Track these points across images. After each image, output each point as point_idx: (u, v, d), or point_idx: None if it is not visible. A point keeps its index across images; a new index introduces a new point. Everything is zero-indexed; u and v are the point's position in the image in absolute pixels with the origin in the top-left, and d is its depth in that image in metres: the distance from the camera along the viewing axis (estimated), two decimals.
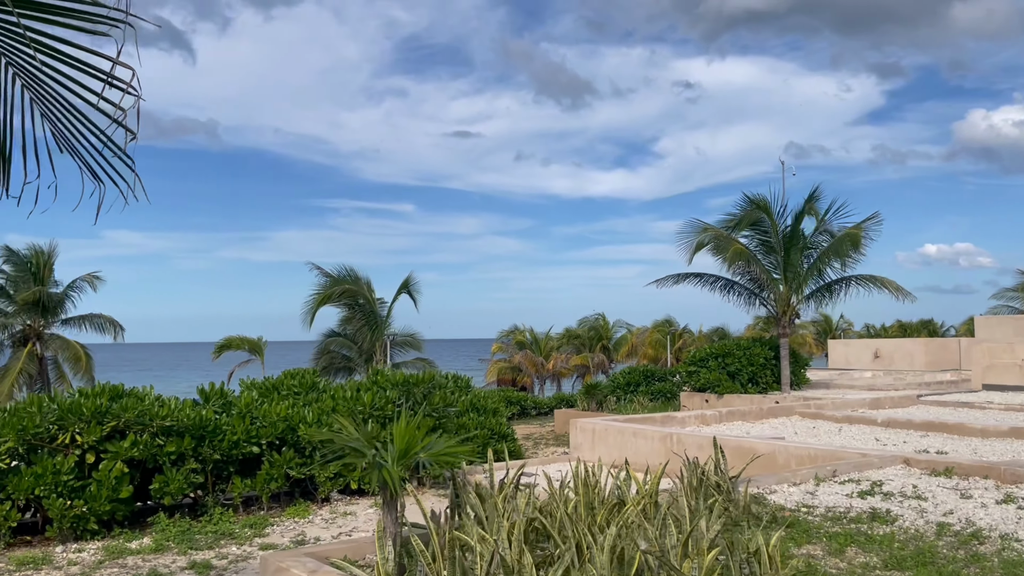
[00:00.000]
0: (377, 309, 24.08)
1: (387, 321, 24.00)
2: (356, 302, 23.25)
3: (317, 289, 23.06)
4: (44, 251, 37.10)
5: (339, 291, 21.92)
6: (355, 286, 22.67)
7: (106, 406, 8.61)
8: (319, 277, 23.13)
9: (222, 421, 9.52)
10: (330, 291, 22.52)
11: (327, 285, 23.09)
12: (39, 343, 36.42)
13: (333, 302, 22.92)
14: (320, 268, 23.08)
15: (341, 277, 22.99)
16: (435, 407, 11.03)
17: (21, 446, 8.17)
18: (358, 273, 23.34)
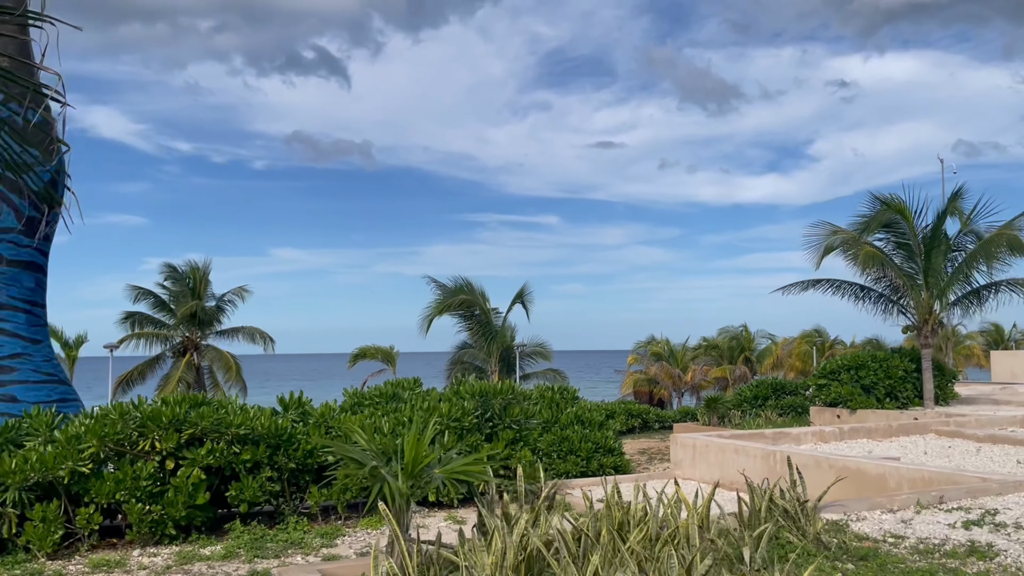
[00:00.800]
0: (492, 319, 24.13)
1: (507, 331, 23.98)
2: (472, 313, 23.37)
3: (434, 301, 23.41)
4: (200, 267, 39.81)
5: (456, 302, 22.13)
6: (471, 297, 22.81)
7: (183, 414, 8.91)
8: (435, 289, 23.48)
9: (298, 430, 9.65)
10: (447, 302, 22.78)
11: (443, 297, 23.37)
12: (196, 353, 39.04)
13: (450, 312, 23.16)
14: (436, 280, 23.43)
15: (457, 288, 23.20)
16: (514, 419, 10.74)
17: (103, 451, 8.57)
18: (472, 284, 23.49)
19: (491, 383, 10.99)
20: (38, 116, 13.63)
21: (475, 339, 24.36)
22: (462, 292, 22.78)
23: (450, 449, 7.25)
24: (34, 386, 13.04)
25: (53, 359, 13.75)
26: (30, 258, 13.37)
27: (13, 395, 12.69)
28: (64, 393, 13.53)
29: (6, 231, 12.99)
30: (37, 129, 13.46)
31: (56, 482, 8.33)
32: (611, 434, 16.25)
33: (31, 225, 13.25)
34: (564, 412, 16.61)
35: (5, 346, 12.85)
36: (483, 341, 24.57)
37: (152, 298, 38.56)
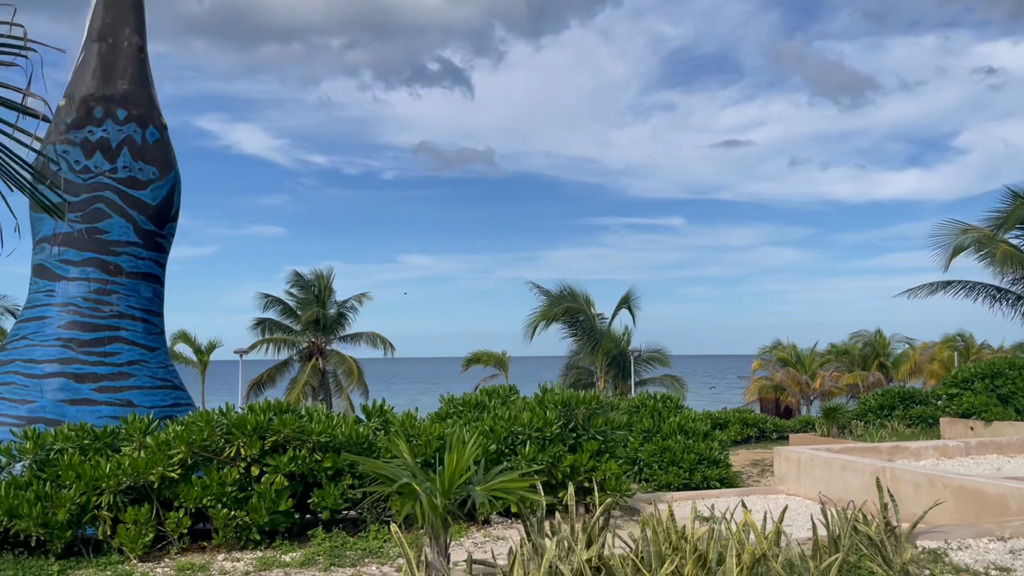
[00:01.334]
0: (597, 325, 23.72)
1: (614, 338, 23.53)
2: (576, 319, 23.07)
3: (538, 308, 23.27)
4: (324, 275, 41.37)
5: (561, 310, 21.90)
6: (574, 303, 22.52)
7: (267, 421, 9.13)
8: (540, 296, 23.33)
9: (379, 439, 9.71)
10: (551, 311, 22.59)
11: (547, 304, 23.19)
12: (321, 358, 40.56)
13: (556, 320, 22.93)
14: (539, 287, 23.28)
15: (561, 295, 22.97)
16: (599, 429, 10.42)
17: (191, 457, 8.89)
18: (575, 290, 23.19)
19: (575, 392, 10.73)
20: (156, 135, 14.40)
21: (580, 346, 24.04)
22: (565, 299, 22.54)
23: (500, 465, 7.05)
24: (149, 391, 13.70)
25: (168, 365, 14.45)
26: (148, 270, 14.08)
27: (130, 400, 13.38)
28: (177, 398, 14.17)
29: (126, 244, 13.73)
30: (155, 147, 14.22)
31: (147, 486, 8.71)
32: (716, 445, 15.62)
33: (148, 238, 13.96)
34: (666, 421, 16.11)
35: (124, 353, 13.56)
36: (588, 348, 24.20)
37: (280, 305, 40.38)
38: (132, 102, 14.07)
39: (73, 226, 13.46)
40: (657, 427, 15.98)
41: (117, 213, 13.67)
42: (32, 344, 13.19)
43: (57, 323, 13.24)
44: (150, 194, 14.08)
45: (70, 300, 13.39)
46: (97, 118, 13.73)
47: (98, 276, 13.56)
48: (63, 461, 8.62)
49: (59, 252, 13.46)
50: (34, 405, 12.69)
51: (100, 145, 13.65)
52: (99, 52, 14.20)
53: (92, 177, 13.50)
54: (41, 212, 13.57)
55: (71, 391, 12.92)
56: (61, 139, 13.48)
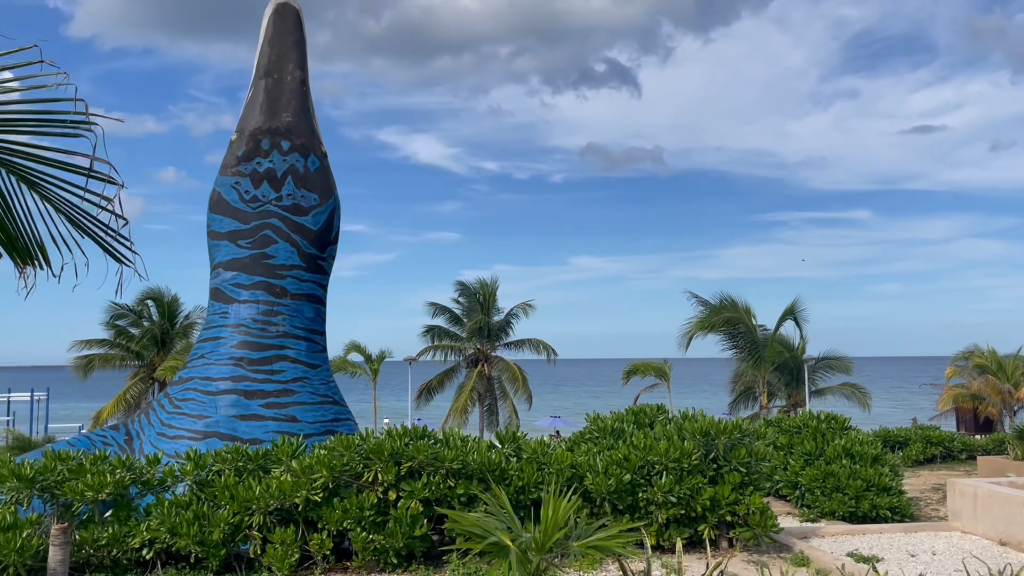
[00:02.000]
0: (758, 336, 22.64)
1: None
2: (736, 329, 22.16)
3: (695, 317, 22.55)
4: (488, 284, 42.28)
5: (720, 320, 21.12)
6: (734, 313, 21.64)
7: (402, 447, 9.38)
8: (697, 305, 22.60)
9: (511, 466, 9.73)
10: (708, 320, 21.82)
11: (706, 314, 22.43)
12: (486, 364, 41.46)
13: (715, 330, 22.13)
14: (696, 296, 22.56)
15: (720, 305, 22.14)
16: (741, 461, 9.90)
17: (332, 481, 9.29)
18: (735, 300, 22.25)
19: (715, 421, 10.26)
20: (317, 164, 15.18)
21: (740, 357, 23.07)
22: (725, 309, 21.70)
23: (597, 521, 6.81)
24: (311, 407, 14.44)
25: (330, 382, 15.19)
26: (310, 291, 14.85)
27: (294, 415, 14.17)
28: (337, 413, 14.86)
29: (290, 268, 14.55)
30: (316, 175, 14.99)
31: (293, 508, 9.19)
32: (886, 471, 14.49)
33: (311, 261, 14.74)
34: (830, 444, 15.12)
35: (288, 371, 14.37)
36: (750, 360, 23.16)
37: (447, 313, 41.66)
38: (295, 133, 14.86)
39: (243, 252, 14.42)
40: (820, 450, 15.04)
41: (282, 238, 14.48)
42: (209, 363, 14.20)
43: (230, 343, 14.18)
44: (311, 219, 14.80)
45: (241, 321, 14.30)
46: (264, 150, 14.63)
47: (266, 298, 14.40)
48: (219, 482, 9.27)
49: (232, 276, 14.43)
50: (209, 420, 13.67)
51: (267, 175, 14.54)
52: (265, 88, 15.11)
53: (260, 205, 14.41)
54: (218, 240, 14.64)
55: (242, 407, 13.80)
56: (232, 171, 14.50)
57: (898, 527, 11.86)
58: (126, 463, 9.39)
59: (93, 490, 8.85)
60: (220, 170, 14.93)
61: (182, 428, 13.66)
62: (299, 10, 15.75)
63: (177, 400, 14.14)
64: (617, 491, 9.59)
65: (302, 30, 15.70)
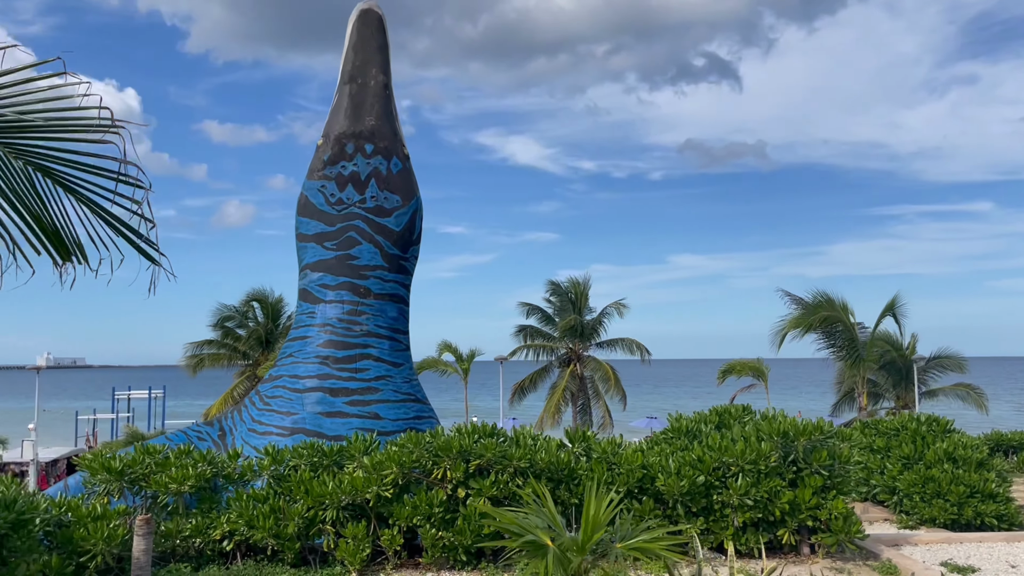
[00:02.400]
0: (856, 335, 21.61)
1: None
2: (834, 328, 21.24)
3: (789, 315, 21.75)
4: (580, 283, 42.08)
5: (818, 319, 20.26)
6: (831, 311, 20.75)
7: (471, 445, 9.40)
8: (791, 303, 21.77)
9: (580, 465, 9.60)
10: (803, 319, 20.99)
11: (800, 312, 21.59)
12: (579, 364, 41.26)
13: (812, 329, 21.25)
14: (790, 294, 21.77)
15: (816, 303, 21.26)
16: (823, 463, 9.46)
17: (402, 478, 9.39)
18: (832, 298, 21.32)
19: (795, 421, 9.84)
20: (400, 166, 15.41)
21: (838, 356, 22.10)
22: (820, 307, 20.81)
23: (645, 522, 6.59)
24: (394, 405, 14.66)
25: (412, 380, 15.38)
26: (393, 291, 15.09)
27: (377, 412, 14.43)
28: (420, 411, 15.04)
29: (373, 268, 14.82)
30: (399, 177, 15.23)
31: (365, 504, 9.34)
32: (992, 476, 13.64)
33: (393, 262, 14.98)
34: (931, 447, 14.35)
35: (371, 369, 14.64)
36: (849, 360, 22.14)
37: (539, 313, 41.66)
38: (378, 136, 15.12)
39: (329, 253, 14.79)
40: (919, 454, 14.28)
41: (366, 240, 14.76)
42: (296, 361, 14.62)
43: (317, 342, 14.55)
44: (394, 220, 15.04)
45: (327, 321, 14.65)
46: (348, 153, 14.96)
47: (350, 298, 14.71)
48: (295, 477, 9.53)
49: (318, 277, 14.81)
50: (296, 417, 14.07)
51: (351, 178, 14.86)
52: (350, 93, 15.44)
53: (345, 208, 14.75)
54: (306, 242, 15.05)
55: (327, 404, 14.14)
56: (319, 175, 14.90)
57: (1000, 536, 11.12)
58: (207, 457, 9.76)
59: (177, 483, 9.24)
60: (307, 174, 15.34)
61: (271, 424, 14.12)
62: (382, 16, 16.01)
63: (267, 397, 14.62)
64: (690, 493, 9.33)
65: (385, 35, 15.96)
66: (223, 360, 38.43)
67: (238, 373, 38.94)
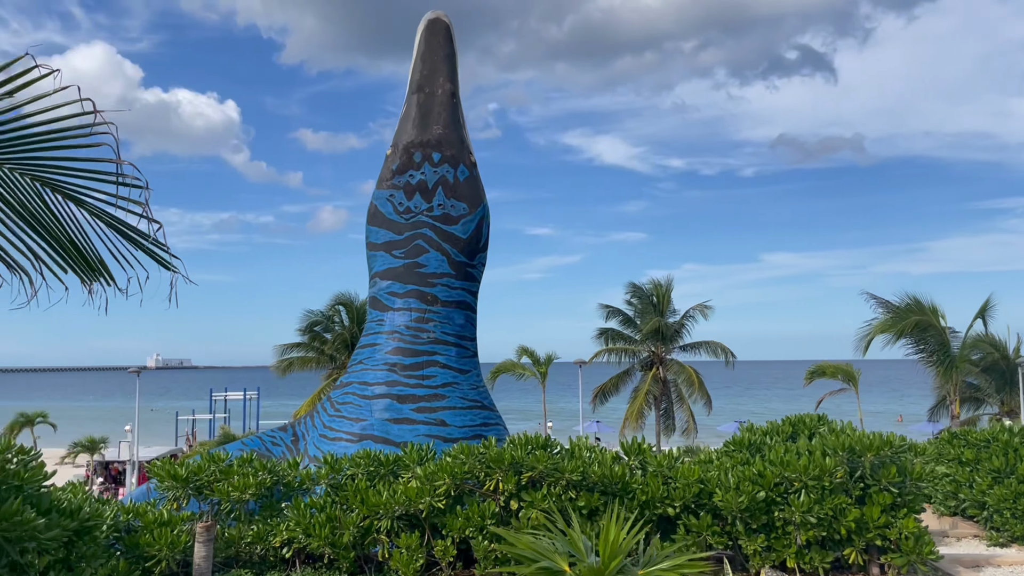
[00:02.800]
0: (947, 340, 20.47)
1: (963, 353, 20.16)
2: (924, 333, 20.18)
3: (874, 319, 20.81)
4: (662, 285, 41.44)
5: (909, 324, 19.30)
6: (921, 315, 19.73)
7: (522, 457, 9.33)
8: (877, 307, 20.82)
9: (634, 479, 9.40)
10: (892, 324, 20.02)
11: (888, 317, 20.62)
12: (662, 367, 40.63)
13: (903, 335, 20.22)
14: (876, 297, 20.82)
15: (905, 307, 20.25)
16: (892, 480, 8.98)
17: (454, 489, 9.39)
18: (921, 301, 20.27)
19: (863, 435, 9.38)
20: (467, 173, 15.49)
21: (928, 362, 21.00)
22: (911, 312, 19.79)
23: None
24: (460, 411, 14.73)
25: (479, 387, 15.41)
26: (460, 298, 15.17)
27: (443, 419, 14.53)
28: (486, 418, 15.06)
29: (440, 276, 14.94)
30: (466, 184, 15.30)
31: (418, 514, 9.39)
32: None
33: (460, 269, 15.07)
34: (1023, 461, 13.47)
35: (438, 376, 14.75)
36: (940, 366, 20.98)
37: (620, 315, 41.23)
38: (445, 145, 15.23)
39: (397, 261, 14.98)
40: (1011, 467, 13.43)
41: (433, 248, 14.89)
42: (366, 368, 14.87)
43: (385, 349, 14.76)
44: (461, 228, 15.12)
45: (395, 328, 14.85)
46: (416, 162, 15.12)
47: (418, 306, 14.86)
48: (351, 487, 9.66)
49: (387, 285, 15.02)
50: (365, 423, 14.31)
51: (419, 187, 15.02)
52: (418, 102, 15.61)
53: (412, 216, 14.92)
54: (375, 251, 15.28)
55: (395, 411, 14.32)
56: (387, 184, 15.11)
57: None
58: (268, 466, 10.00)
59: (238, 491, 9.51)
60: (377, 184, 15.55)
61: (340, 430, 14.40)
62: (449, 24, 16.11)
63: (337, 403, 14.92)
64: (750, 509, 9.02)
65: (452, 44, 16.06)
66: (311, 363, 39.52)
67: (325, 376, 39.94)
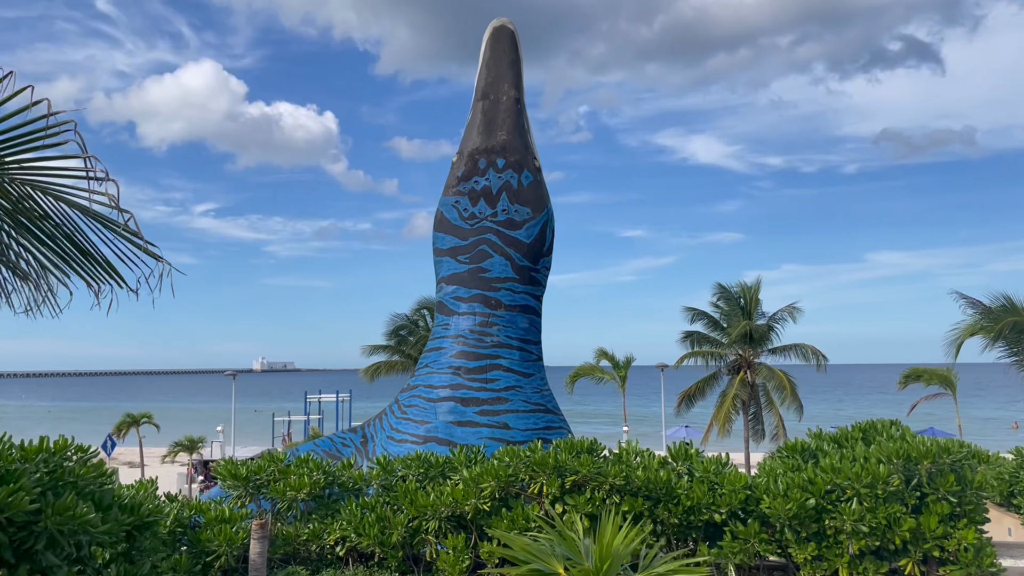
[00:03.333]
0: None
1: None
2: (1021, 335, 18.99)
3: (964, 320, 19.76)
4: (749, 287, 40.41)
5: (1007, 325, 18.20)
6: (1017, 316, 18.59)
7: (566, 460, 9.34)
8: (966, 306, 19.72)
9: (680, 484, 9.27)
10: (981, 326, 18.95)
11: (977, 318, 19.53)
12: (750, 371, 39.63)
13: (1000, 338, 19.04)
14: (966, 297, 19.75)
15: (999, 308, 19.14)
16: (950, 489, 8.56)
17: (499, 491, 9.49)
18: (1013, 300, 19.10)
19: (920, 442, 8.98)
20: (530, 178, 15.61)
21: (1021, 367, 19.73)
22: (1006, 312, 18.65)
23: (676, 551, 6.21)
24: (524, 415, 14.82)
25: (543, 390, 15.46)
26: (524, 302, 15.29)
27: (506, 422, 14.66)
28: (550, 421, 15.11)
29: (504, 280, 15.09)
30: (530, 189, 15.43)
31: (464, 516, 9.53)
32: None
33: (524, 273, 15.18)
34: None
35: (501, 380, 14.89)
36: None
37: (706, 318, 40.37)
38: (510, 150, 15.39)
39: (462, 267, 15.21)
40: None
41: (497, 252, 15.06)
42: (432, 371, 15.16)
43: (450, 353, 15.01)
44: (524, 232, 15.24)
45: (460, 332, 15.08)
46: (481, 168, 15.33)
47: (482, 310, 15.06)
48: (400, 488, 9.88)
49: (453, 290, 15.28)
50: (430, 425, 14.58)
51: (483, 193, 15.22)
52: (482, 109, 15.84)
53: (477, 222, 15.13)
54: (441, 256, 15.57)
55: (458, 414, 14.55)
56: (453, 191, 15.38)
57: None
58: (323, 466, 10.34)
59: (294, 490, 9.87)
60: (443, 191, 15.82)
61: (407, 432, 14.71)
62: (514, 31, 16.26)
63: (404, 406, 15.25)
64: (798, 516, 8.77)
65: (517, 50, 16.20)
66: (397, 367, 40.27)
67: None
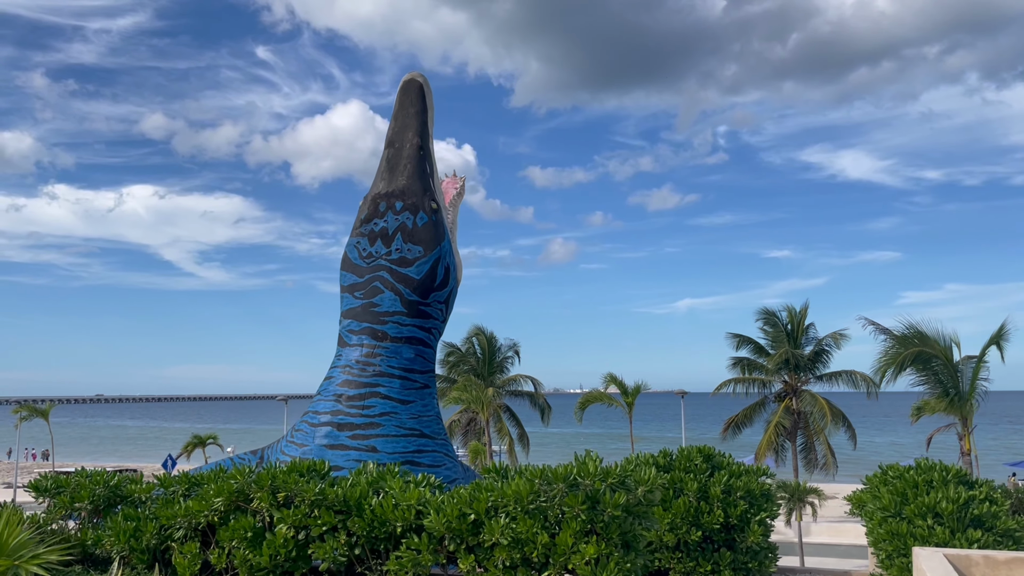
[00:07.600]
0: (955, 373, 18.04)
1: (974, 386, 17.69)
2: (928, 365, 17.97)
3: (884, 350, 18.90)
4: (796, 312, 39.32)
5: (909, 355, 17.34)
6: (923, 347, 17.65)
7: (280, 479, 10.46)
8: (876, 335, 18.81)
9: (369, 500, 10.13)
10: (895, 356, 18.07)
11: (890, 349, 18.62)
12: (795, 398, 38.44)
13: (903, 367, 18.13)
14: (876, 324, 18.82)
15: (905, 335, 18.20)
16: (581, 508, 8.94)
17: (228, 504, 10.71)
18: (923, 330, 18.06)
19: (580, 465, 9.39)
20: (425, 219, 16.78)
21: (935, 394, 18.50)
22: (912, 342, 17.63)
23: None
24: (394, 439, 15.77)
25: (423, 416, 16.25)
26: (411, 334, 16.36)
27: (374, 446, 15.66)
28: (422, 445, 15.92)
29: (392, 314, 16.24)
30: (423, 229, 16.61)
31: (198, 526, 10.84)
32: None
33: (412, 307, 16.31)
34: None
35: (378, 406, 15.97)
36: (946, 399, 18.45)
37: (752, 344, 39.52)
38: (408, 194, 16.65)
39: (357, 302, 16.56)
40: None
41: (388, 288, 16.28)
42: (320, 399, 16.52)
43: (337, 381, 16.32)
44: (415, 269, 16.40)
45: (348, 362, 16.36)
46: (381, 211, 16.65)
47: (369, 342, 16.29)
48: (160, 499, 11.33)
49: (347, 324, 16.62)
50: (306, 448, 15.90)
51: (381, 234, 16.54)
52: (387, 156, 17.24)
53: (373, 260, 16.45)
54: (343, 293, 17.00)
55: (332, 438, 15.79)
56: (356, 233, 16.78)
57: None
58: (107, 480, 11.92)
59: (80, 500, 11.55)
60: (350, 232, 17.32)
61: (289, 455, 16.08)
62: (422, 83, 17.55)
63: (294, 431, 16.71)
64: (458, 530, 9.48)
65: (424, 101, 17.49)
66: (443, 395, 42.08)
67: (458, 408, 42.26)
